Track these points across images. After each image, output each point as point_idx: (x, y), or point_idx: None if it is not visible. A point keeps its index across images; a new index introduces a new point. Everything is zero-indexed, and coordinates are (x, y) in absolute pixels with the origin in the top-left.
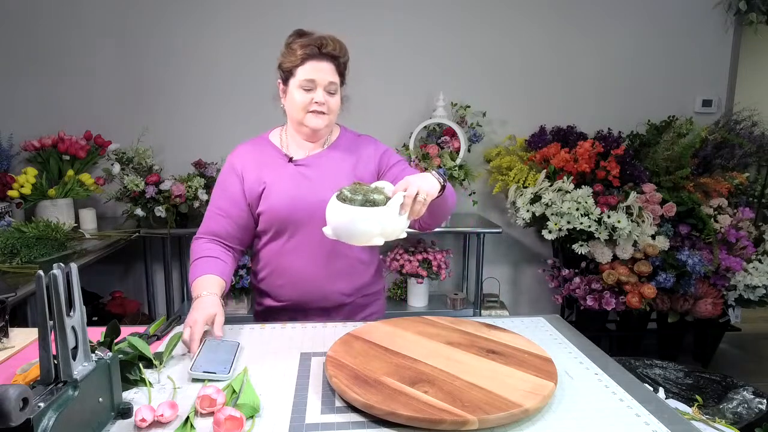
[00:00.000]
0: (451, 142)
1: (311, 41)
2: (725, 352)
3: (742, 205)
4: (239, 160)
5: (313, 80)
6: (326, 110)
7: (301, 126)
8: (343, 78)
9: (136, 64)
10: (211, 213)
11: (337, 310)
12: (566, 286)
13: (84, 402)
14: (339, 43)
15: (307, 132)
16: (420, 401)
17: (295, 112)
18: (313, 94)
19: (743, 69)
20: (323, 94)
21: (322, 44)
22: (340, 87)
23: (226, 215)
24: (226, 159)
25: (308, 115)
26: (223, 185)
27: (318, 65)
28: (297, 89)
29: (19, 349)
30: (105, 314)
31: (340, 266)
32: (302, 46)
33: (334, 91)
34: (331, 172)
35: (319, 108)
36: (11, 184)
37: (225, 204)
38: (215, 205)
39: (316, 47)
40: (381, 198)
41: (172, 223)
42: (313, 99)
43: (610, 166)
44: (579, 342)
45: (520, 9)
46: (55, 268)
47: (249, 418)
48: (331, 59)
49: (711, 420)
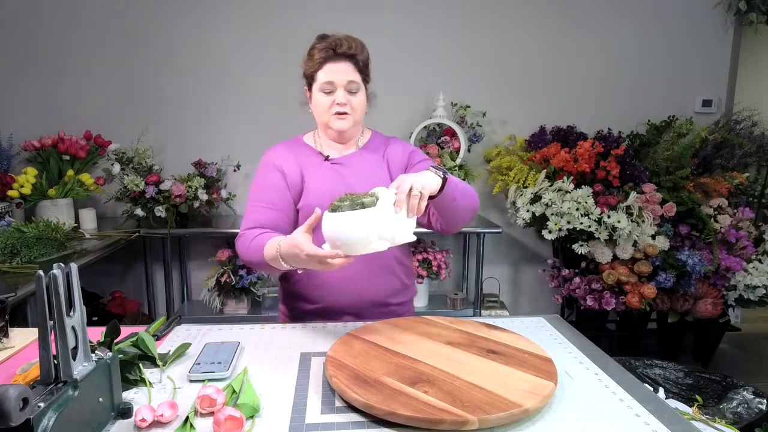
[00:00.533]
0: (451, 142)
1: (327, 44)
2: (725, 352)
3: (742, 205)
4: (277, 157)
5: (332, 82)
6: (349, 110)
7: (327, 129)
8: (366, 75)
9: (136, 64)
10: (255, 207)
11: (370, 313)
12: (566, 286)
13: (84, 402)
14: (355, 42)
15: (333, 135)
16: (420, 401)
17: (320, 115)
18: (333, 95)
19: (743, 69)
20: (344, 94)
21: (337, 45)
22: (363, 85)
23: (274, 207)
24: (261, 160)
25: (332, 118)
26: (263, 181)
27: (335, 66)
28: (318, 93)
29: (19, 349)
30: (105, 314)
31: (377, 267)
32: (319, 50)
33: (355, 90)
34: (365, 170)
35: (341, 108)
36: (11, 184)
37: (271, 196)
38: (259, 199)
39: (331, 49)
40: (371, 200)
41: (172, 223)
42: (335, 100)
43: (610, 166)
44: (579, 342)
45: (520, 9)
46: (55, 268)
47: (249, 418)
48: (348, 58)
49: (711, 420)
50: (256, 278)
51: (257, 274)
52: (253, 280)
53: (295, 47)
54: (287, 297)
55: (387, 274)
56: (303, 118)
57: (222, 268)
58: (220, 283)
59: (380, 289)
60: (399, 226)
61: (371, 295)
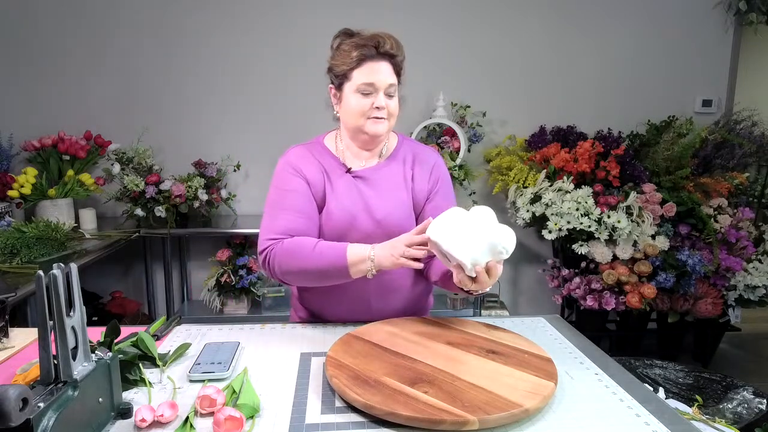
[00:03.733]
0: (451, 142)
1: (366, 40)
2: (725, 352)
3: (742, 205)
4: (299, 162)
5: (373, 83)
6: (386, 115)
7: (359, 133)
8: (400, 78)
9: (136, 64)
10: (281, 213)
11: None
12: (566, 286)
13: (84, 402)
14: (395, 41)
15: (365, 139)
16: (420, 401)
17: (352, 119)
18: (372, 98)
19: (743, 69)
20: (384, 97)
21: (379, 43)
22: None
23: (303, 214)
24: (280, 162)
25: (368, 122)
26: (287, 185)
27: (376, 66)
28: (354, 94)
29: (19, 349)
30: (105, 314)
31: (389, 285)
32: (357, 47)
33: (393, 93)
34: (386, 188)
35: (380, 114)
36: (11, 184)
37: (297, 202)
38: (285, 206)
39: (372, 47)
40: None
41: (172, 223)
42: (374, 104)
43: (610, 166)
44: (579, 342)
45: (520, 9)
46: (55, 268)
47: (249, 418)
48: (389, 59)
49: (711, 420)
50: (256, 278)
51: (257, 274)
52: (253, 280)
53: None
54: (299, 304)
55: (398, 293)
56: (303, 117)
57: (222, 268)
58: (220, 283)
59: (390, 308)
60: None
61: (381, 316)
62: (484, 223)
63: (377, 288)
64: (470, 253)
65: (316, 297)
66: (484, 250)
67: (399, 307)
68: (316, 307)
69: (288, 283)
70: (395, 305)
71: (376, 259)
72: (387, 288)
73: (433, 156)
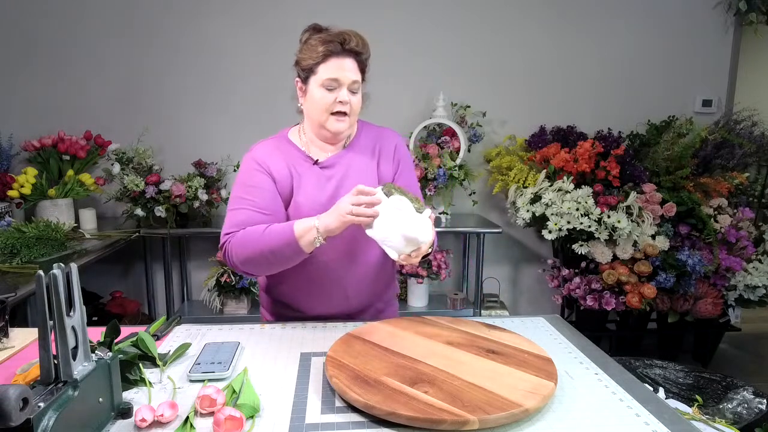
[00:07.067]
0: (451, 142)
1: (333, 37)
2: (725, 352)
3: (742, 205)
4: (265, 157)
5: (337, 79)
6: (348, 111)
7: (321, 129)
8: (364, 75)
9: (136, 64)
10: (240, 209)
11: (356, 316)
12: (566, 286)
13: (84, 402)
14: (361, 39)
15: (327, 136)
16: (420, 401)
17: (316, 113)
18: (336, 93)
19: (743, 69)
20: (347, 93)
21: (345, 40)
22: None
23: (263, 210)
24: (245, 158)
25: (330, 118)
26: (248, 182)
27: (341, 62)
28: (319, 88)
29: (19, 349)
30: (105, 314)
31: (362, 272)
32: (323, 42)
33: (356, 90)
34: (355, 173)
35: (343, 108)
36: (11, 184)
37: (260, 198)
38: (245, 201)
39: (338, 43)
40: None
41: (172, 223)
42: (337, 99)
43: (610, 166)
44: (579, 342)
45: (520, 9)
46: (55, 268)
47: (249, 418)
48: (354, 56)
49: (711, 420)
50: (256, 278)
51: None
52: (253, 280)
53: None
54: (271, 304)
55: (370, 280)
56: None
57: (222, 268)
58: (220, 283)
59: (364, 293)
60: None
61: (356, 303)
62: (403, 217)
63: (341, 258)
64: (394, 246)
65: (283, 285)
66: (404, 243)
67: (366, 276)
68: (285, 293)
69: (251, 273)
70: (360, 276)
71: (322, 222)
72: (351, 258)
73: (393, 137)
